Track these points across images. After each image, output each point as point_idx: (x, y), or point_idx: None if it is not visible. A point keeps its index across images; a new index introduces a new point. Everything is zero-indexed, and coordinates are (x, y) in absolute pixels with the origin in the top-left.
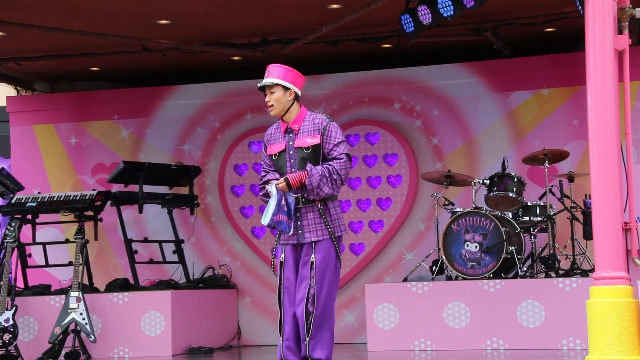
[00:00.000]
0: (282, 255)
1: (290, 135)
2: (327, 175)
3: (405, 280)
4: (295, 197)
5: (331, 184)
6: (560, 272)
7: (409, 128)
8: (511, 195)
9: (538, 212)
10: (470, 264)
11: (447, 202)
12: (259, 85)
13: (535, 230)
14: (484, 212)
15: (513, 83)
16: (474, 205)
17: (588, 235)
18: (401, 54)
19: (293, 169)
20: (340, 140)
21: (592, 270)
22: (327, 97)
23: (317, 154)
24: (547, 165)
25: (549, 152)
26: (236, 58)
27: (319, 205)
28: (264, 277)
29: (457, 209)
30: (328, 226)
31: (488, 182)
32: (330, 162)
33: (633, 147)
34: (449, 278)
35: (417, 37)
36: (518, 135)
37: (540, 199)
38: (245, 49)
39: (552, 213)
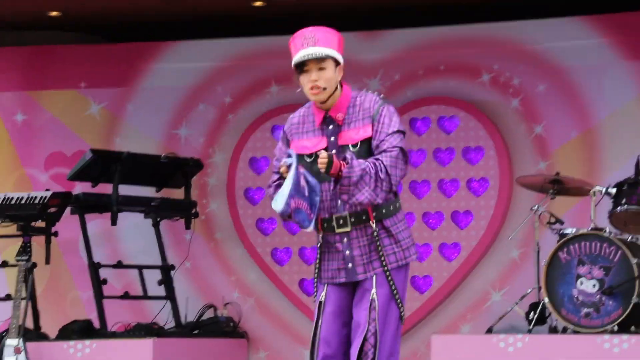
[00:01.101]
0: (323, 294)
1: (331, 127)
2: (372, 172)
3: (489, 331)
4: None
5: (374, 186)
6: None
7: (502, 110)
8: None
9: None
10: (586, 310)
11: (553, 220)
12: (303, 56)
13: None
14: (607, 235)
15: None
16: (592, 225)
17: None
18: (491, 2)
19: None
20: (396, 130)
21: None
22: (383, 63)
23: (370, 152)
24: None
25: None
26: (258, 4)
27: (374, 226)
28: (288, 322)
29: (568, 230)
30: (383, 254)
31: (615, 191)
32: (377, 156)
33: None
34: (554, 330)
35: None
36: None
37: None
38: None
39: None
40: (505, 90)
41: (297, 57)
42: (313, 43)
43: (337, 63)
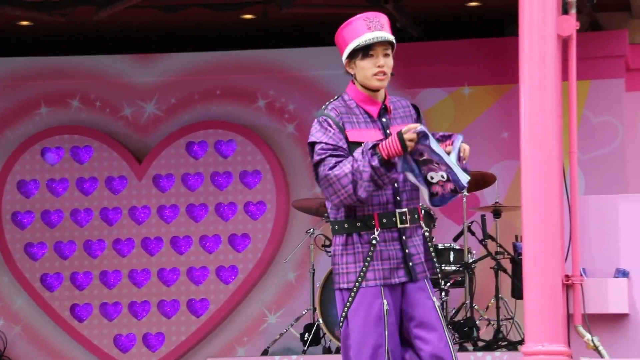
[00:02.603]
0: (385, 302)
1: (385, 120)
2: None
3: (265, 353)
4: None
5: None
6: (480, 343)
7: (279, 135)
8: None
9: (452, 259)
10: None
11: (328, 242)
12: (373, 38)
13: (448, 284)
14: None
15: (422, 77)
16: None
17: (518, 292)
18: (269, 30)
19: (400, 179)
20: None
21: (522, 342)
22: (160, 87)
23: None
24: (465, 193)
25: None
26: (25, 23)
27: (424, 227)
28: (58, 349)
29: None
30: (432, 257)
31: None
32: None
33: (580, 170)
34: (328, 351)
35: (291, 5)
36: None
37: (455, 240)
38: (41, 11)
39: (470, 260)
40: (281, 116)
41: (363, 39)
42: (380, 27)
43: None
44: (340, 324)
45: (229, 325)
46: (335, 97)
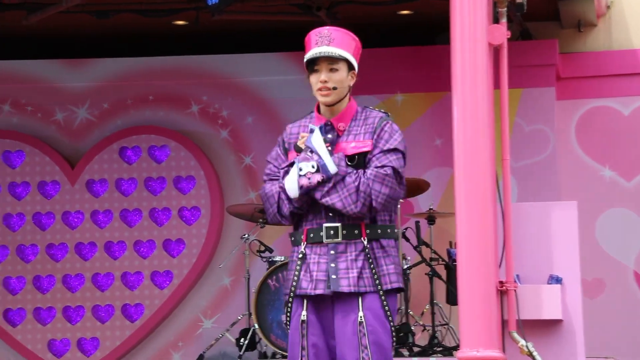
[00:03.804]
0: (304, 313)
1: (330, 136)
2: (352, 180)
3: (201, 358)
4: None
5: (349, 194)
6: (415, 349)
7: (212, 141)
8: None
9: None
10: None
11: (263, 248)
12: (316, 53)
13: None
14: None
15: (354, 84)
16: None
17: (453, 298)
18: (202, 36)
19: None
20: (392, 148)
21: (457, 347)
22: (92, 92)
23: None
24: (399, 200)
25: None
26: None
27: (365, 243)
28: None
29: (277, 258)
30: (377, 273)
31: None
32: (366, 170)
33: (513, 178)
34: (264, 356)
35: (223, 12)
36: None
37: None
38: None
39: (405, 267)
40: (214, 121)
41: (308, 54)
42: (328, 42)
43: (350, 67)
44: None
45: (164, 330)
46: (311, 111)
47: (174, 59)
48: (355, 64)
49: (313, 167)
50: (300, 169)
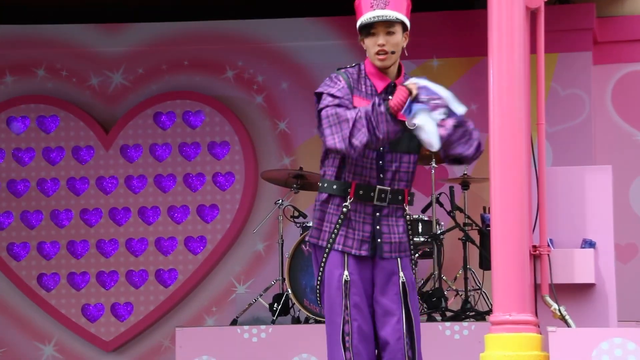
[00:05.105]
0: (346, 273)
1: (390, 98)
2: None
3: (234, 322)
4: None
5: (474, 140)
6: (448, 313)
7: (247, 106)
8: None
9: (420, 230)
10: None
11: (296, 214)
12: (374, 17)
13: (417, 255)
14: None
15: None
16: None
17: (486, 263)
18: (238, 1)
19: (387, 156)
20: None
21: (490, 312)
22: (127, 57)
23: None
24: (433, 164)
25: None
26: None
27: (407, 209)
28: (26, 319)
29: (310, 223)
30: (412, 240)
31: None
32: None
33: (548, 143)
34: (297, 321)
35: None
36: None
37: (423, 211)
38: None
39: (438, 232)
40: (249, 87)
41: (364, 18)
42: (384, 5)
43: (404, 29)
44: (317, 284)
45: (198, 296)
46: (353, 64)
47: (209, 23)
48: (409, 24)
49: (445, 113)
50: (436, 117)
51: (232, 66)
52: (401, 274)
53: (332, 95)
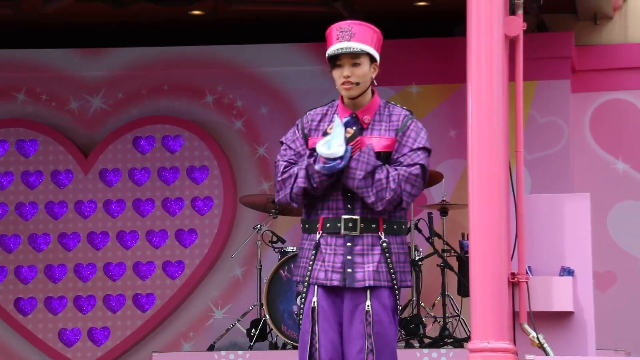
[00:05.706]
0: (315, 299)
1: (355, 129)
2: (383, 174)
3: (211, 348)
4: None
5: (380, 189)
6: (426, 340)
7: (226, 131)
8: None
9: None
10: None
11: (275, 239)
12: (338, 49)
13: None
14: None
15: None
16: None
17: (464, 290)
18: (219, 25)
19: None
20: (421, 146)
21: (468, 339)
22: (107, 81)
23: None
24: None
25: None
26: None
27: (383, 237)
28: (1, 343)
29: (289, 249)
30: (393, 269)
31: None
32: (396, 166)
33: (526, 170)
34: (274, 346)
35: (240, 2)
36: None
37: None
38: None
39: (417, 258)
40: (229, 112)
41: (330, 50)
42: (349, 37)
43: (372, 60)
44: (299, 319)
45: (175, 320)
46: (328, 102)
47: (189, 49)
48: (377, 56)
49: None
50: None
51: (212, 91)
52: (367, 302)
53: (288, 147)
